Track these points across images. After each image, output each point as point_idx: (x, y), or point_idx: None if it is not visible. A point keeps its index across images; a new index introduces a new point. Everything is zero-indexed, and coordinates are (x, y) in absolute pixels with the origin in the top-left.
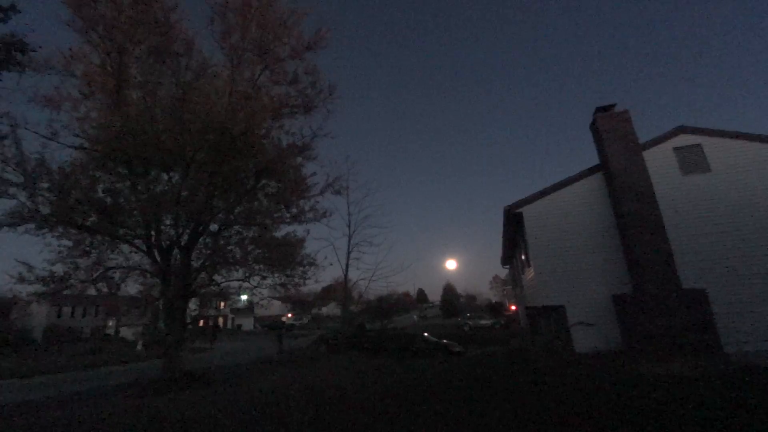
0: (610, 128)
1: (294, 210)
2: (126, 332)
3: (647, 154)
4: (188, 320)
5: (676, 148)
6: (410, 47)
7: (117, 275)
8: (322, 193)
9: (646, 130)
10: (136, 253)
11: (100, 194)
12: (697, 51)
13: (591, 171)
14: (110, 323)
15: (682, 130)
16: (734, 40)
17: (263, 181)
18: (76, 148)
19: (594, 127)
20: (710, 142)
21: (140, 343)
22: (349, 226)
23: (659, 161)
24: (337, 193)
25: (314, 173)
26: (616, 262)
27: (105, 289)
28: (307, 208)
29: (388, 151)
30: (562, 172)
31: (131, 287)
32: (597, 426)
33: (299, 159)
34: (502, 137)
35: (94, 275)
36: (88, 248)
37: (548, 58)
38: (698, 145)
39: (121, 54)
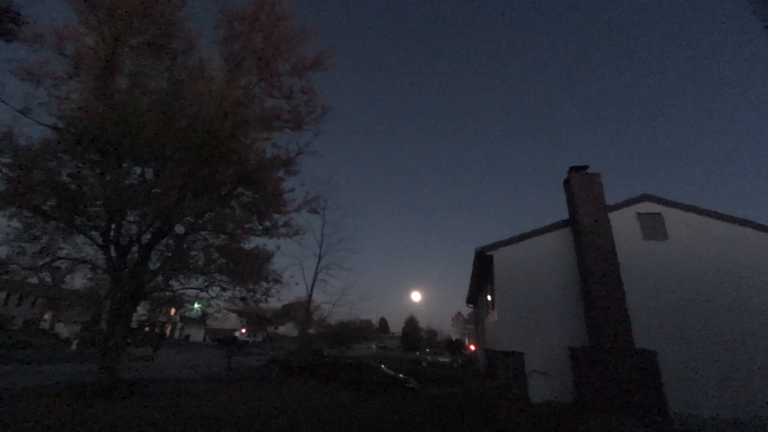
0: (581, 187)
1: (267, 223)
2: (62, 329)
3: (613, 216)
4: (134, 325)
5: (639, 214)
6: (394, 82)
7: (64, 266)
8: (298, 209)
9: (609, 190)
10: (90, 245)
11: (65, 179)
12: (668, 124)
13: (560, 225)
14: (46, 317)
15: (646, 197)
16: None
17: (240, 189)
18: (49, 126)
19: (567, 184)
20: (670, 212)
21: (75, 342)
22: (320, 247)
23: (623, 224)
24: (314, 212)
25: (293, 189)
26: (575, 315)
27: (48, 279)
28: (281, 222)
29: (363, 179)
30: (529, 220)
31: (77, 281)
32: None
33: (281, 172)
34: (476, 180)
35: (40, 263)
36: (38, 233)
37: (529, 108)
38: (659, 214)
39: (116, 41)
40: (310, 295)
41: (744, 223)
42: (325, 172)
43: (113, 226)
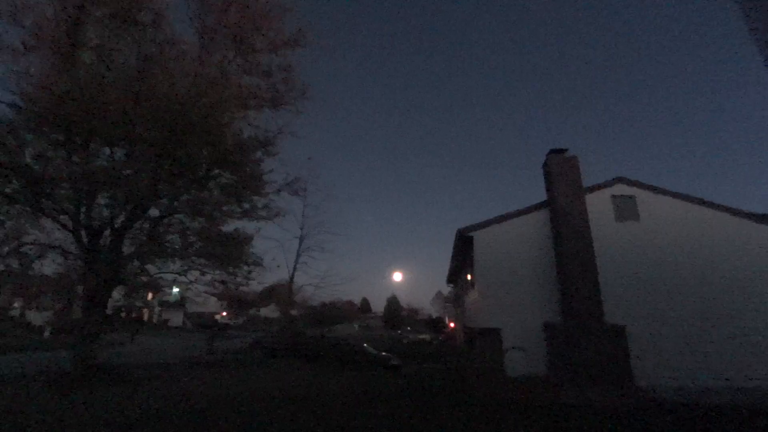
0: (559, 170)
1: (246, 205)
2: (33, 316)
3: (589, 198)
4: (110, 311)
5: (613, 196)
6: (374, 65)
7: (33, 252)
8: (278, 191)
9: (586, 173)
10: (60, 230)
11: (28, 160)
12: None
13: (538, 206)
14: (16, 305)
15: (620, 180)
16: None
17: (217, 171)
18: (7, 104)
19: (546, 167)
20: (642, 194)
21: (48, 330)
22: (302, 229)
23: (598, 206)
24: (295, 193)
25: (272, 170)
26: (550, 293)
27: (15, 266)
28: (260, 205)
29: (345, 160)
30: (509, 200)
31: (48, 267)
32: None
33: (259, 153)
34: (458, 161)
35: (6, 249)
36: (2, 218)
37: (510, 90)
38: (632, 196)
39: (79, 10)
40: (292, 278)
41: (709, 205)
42: (306, 154)
43: (83, 209)
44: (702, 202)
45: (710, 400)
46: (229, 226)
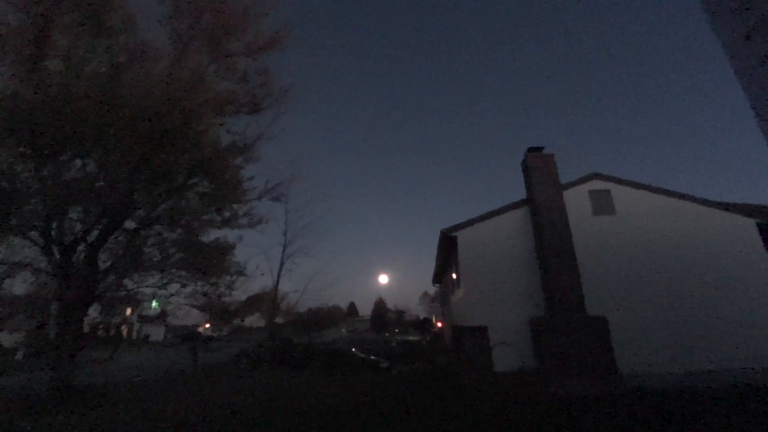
0: (538, 167)
1: (227, 214)
2: (4, 338)
3: (567, 194)
4: (86, 329)
5: (590, 191)
6: (354, 65)
7: (1, 271)
8: (259, 198)
9: (564, 168)
10: (29, 247)
11: None
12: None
13: (519, 204)
14: None
15: (596, 175)
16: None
17: (195, 179)
18: None
19: (524, 165)
20: (618, 188)
21: (21, 351)
22: (285, 235)
23: (576, 201)
24: (276, 199)
25: (252, 177)
26: (534, 289)
27: None
28: (241, 212)
29: (327, 164)
30: (491, 198)
31: (18, 287)
32: None
33: (239, 160)
34: (439, 162)
35: None
36: None
37: (489, 89)
38: (608, 191)
39: (45, 19)
40: (276, 285)
41: (683, 197)
42: (287, 158)
43: (54, 224)
44: (675, 194)
45: (692, 385)
46: (209, 236)
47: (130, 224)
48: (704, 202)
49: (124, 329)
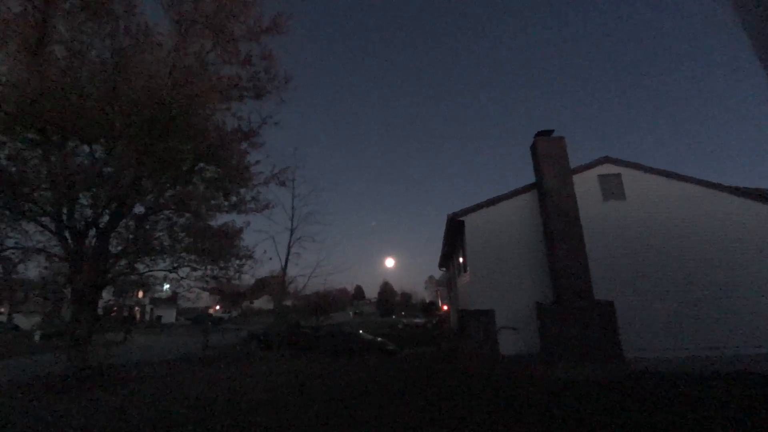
0: (547, 151)
1: (234, 198)
2: (22, 321)
3: (576, 178)
4: (100, 311)
5: (600, 176)
6: (368, 48)
7: (15, 256)
8: (266, 183)
9: (573, 152)
10: (42, 232)
11: (3, 162)
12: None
13: (527, 188)
14: (2, 309)
15: (606, 159)
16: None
17: (201, 165)
18: None
19: (533, 149)
20: (628, 173)
21: (38, 333)
22: (291, 220)
23: (585, 185)
24: (282, 184)
25: (258, 161)
26: (541, 273)
27: None
28: (248, 197)
29: (335, 146)
30: (499, 182)
31: (32, 271)
32: (522, 424)
33: (244, 145)
34: (448, 145)
35: None
36: None
37: (498, 74)
38: (618, 175)
39: (47, 4)
40: (284, 269)
41: (692, 180)
42: (293, 144)
43: (65, 210)
44: (685, 179)
45: (697, 370)
46: (217, 221)
47: (139, 209)
48: (718, 186)
49: (137, 311)
